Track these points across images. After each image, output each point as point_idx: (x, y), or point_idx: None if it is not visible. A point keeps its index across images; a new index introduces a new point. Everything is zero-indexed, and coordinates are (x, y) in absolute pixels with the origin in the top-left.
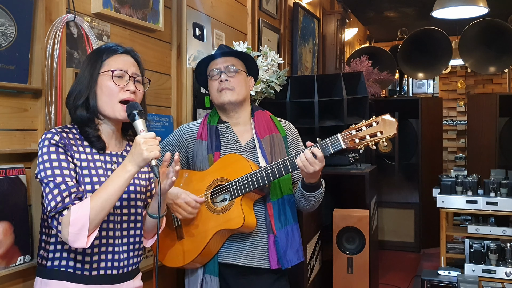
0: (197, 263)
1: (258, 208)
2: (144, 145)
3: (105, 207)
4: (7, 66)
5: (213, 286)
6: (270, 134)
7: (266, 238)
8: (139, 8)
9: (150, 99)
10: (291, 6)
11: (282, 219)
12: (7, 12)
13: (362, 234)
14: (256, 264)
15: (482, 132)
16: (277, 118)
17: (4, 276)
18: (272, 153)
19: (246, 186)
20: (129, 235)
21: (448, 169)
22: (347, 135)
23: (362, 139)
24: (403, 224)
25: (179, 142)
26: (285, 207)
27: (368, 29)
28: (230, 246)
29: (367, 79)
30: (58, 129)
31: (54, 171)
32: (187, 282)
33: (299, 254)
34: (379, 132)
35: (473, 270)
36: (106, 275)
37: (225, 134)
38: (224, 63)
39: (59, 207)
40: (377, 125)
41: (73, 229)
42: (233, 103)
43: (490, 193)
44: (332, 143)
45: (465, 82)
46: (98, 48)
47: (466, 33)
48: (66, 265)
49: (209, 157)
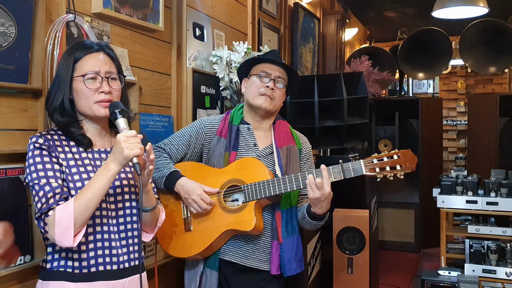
0: (200, 256)
1: (266, 214)
2: (124, 143)
3: (89, 207)
4: (7, 66)
5: (212, 280)
6: (288, 145)
7: (269, 243)
8: (139, 8)
9: (150, 99)
10: (291, 6)
11: (289, 228)
12: (7, 12)
13: (362, 234)
14: (256, 265)
15: (482, 132)
16: (295, 130)
17: (4, 276)
18: (288, 163)
19: (262, 192)
20: (126, 230)
21: (448, 169)
22: (369, 162)
23: (382, 169)
24: (403, 224)
25: (197, 134)
26: (292, 217)
27: (368, 29)
28: (233, 245)
29: (367, 79)
30: (43, 132)
31: (38, 173)
32: (187, 273)
33: (301, 264)
34: (399, 165)
35: (473, 270)
36: (105, 271)
37: (245, 135)
38: (277, 72)
39: (44, 208)
40: (397, 158)
41: (58, 229)
42: (267, 111)
43: (490, 193)
44: (353, 168)
45: (465, 82)
46: (71, 48)
47: (466, 33)
48: (65, 265)
49: (225, 155)
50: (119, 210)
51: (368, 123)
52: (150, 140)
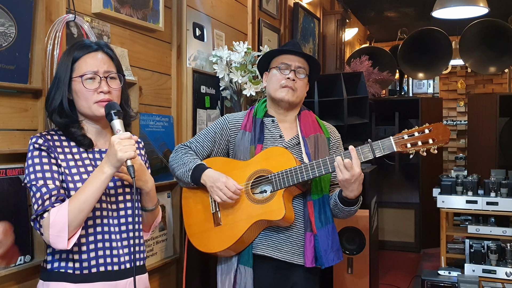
0: (232, 251)
1: (297, 204)
2: (118, 146)
3: (83, 209)
4: (7, 66)
5: (247, 277)
6: (315, 134)
7: (302, 235)
8: (139, 8)
9: (150, 99)
10: (291, 6)
11: (322, 218)
12: (7, 12)
13: (362, 234)
14: (290, 259)
15: (482, 132)
16: (322, 120)
17: (4, 276)
18: (316, 152)
19: (290, 179)
20: (128, 230)
21: (448, 169)
22: (399, 139)
23: (414, 145)
24: (403, 224)
25: (222, 130)
26: (325, 206)
27: (368, 29)
28: (265, 238)
29: (367, 79)
30: (43, 133)
31: (36, 174)
32: (220, 269)
33: (339, 254)
34: (431, 139)
35: (473, 270)
36: (106, 271)
37: (270, 128)
38: (297, 62)
39: (39, 210)
40: (429, 132)
41: (53, 231)
42: (290, 103)
43: (490, 193)
44: (383, 145)
45: (465, 82)
46: (70, 48)
47: (466, 33)
48: (65, 266)
49: (250, 149)
50: (120, 210)
51: (368, 123)
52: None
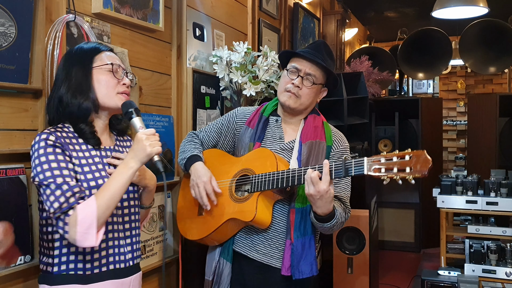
0: (214, 240)
1: (282, 209)
2: (146, 141)
3: (110, 205)
4: (7, 66)
5: (225, 270)
6: (314, 140)
7: (283, 239)
8: (139, 8)
9: (150, 99)
10: (291, 6)
11: (301, 229)
12: (7, 12)
13: (362, 234)
14: (269, 261)
15: (482, 132)
16: (331, 126)
17: (4, 276)
18: (310, 159)
19: (266, 184)
20: (131, 228)
21: (448, 169)
22: (374, 161)
23: (389, 170)
24: (403, 224)
25: (228, 123)
26: (307, 216)
27: (368, 29)
28: (246, 237)
29: (367, 79)
30: (52, 129)
31: (53, 172)
32: (208, 258)
33: (312, 268)
34: (409, 167)
35: (473, 270)
36: (115, 269)
37: (272, 127)
38: (308, 68)
39: (64, 207)
40: (409, 159)
41: (81, 228)
42: (291, 109)
43: (490, 193)
44: (356, 165)
45: (465, 82)
46: (81, 47)
47: (466, 33)
48: (75, 268)
49: (249, 145)
50: (125, 209)
51: (368, 123)
52: None
